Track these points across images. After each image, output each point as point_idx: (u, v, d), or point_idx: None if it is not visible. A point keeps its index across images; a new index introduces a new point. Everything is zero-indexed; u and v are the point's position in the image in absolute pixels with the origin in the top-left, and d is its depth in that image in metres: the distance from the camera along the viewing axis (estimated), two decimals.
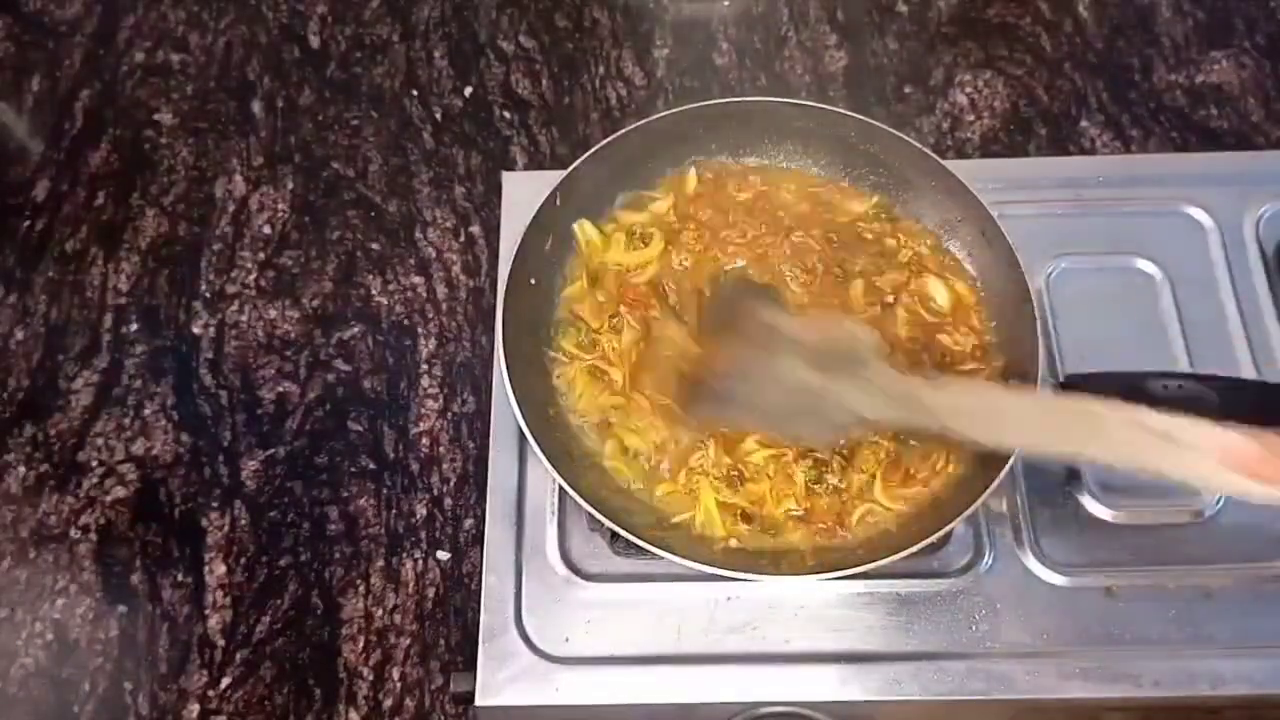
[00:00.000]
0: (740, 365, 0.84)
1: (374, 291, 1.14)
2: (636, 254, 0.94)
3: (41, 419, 1.07)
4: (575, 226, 0.94)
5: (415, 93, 1.27)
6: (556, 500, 0.89)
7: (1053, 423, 0.76)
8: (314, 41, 1.31)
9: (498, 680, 0.82)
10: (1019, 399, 0.80)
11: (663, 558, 0.78)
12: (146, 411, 1.07)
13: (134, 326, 1.12)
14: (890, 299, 0.91)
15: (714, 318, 0.89)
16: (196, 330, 1.12)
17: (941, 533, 0.80)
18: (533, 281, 0.91)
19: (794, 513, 0.84)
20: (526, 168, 1.21)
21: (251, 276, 1.15)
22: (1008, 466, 0.79)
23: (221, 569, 1.00)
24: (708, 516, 0.84)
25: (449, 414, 1.07)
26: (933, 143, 1.20)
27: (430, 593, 0.98)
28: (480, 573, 0.86)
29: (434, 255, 1.16)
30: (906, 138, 0.95)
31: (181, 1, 1.34)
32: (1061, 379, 0.84)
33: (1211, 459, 0.69)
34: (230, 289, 1.14)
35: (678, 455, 0.86)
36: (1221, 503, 0.88)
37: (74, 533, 1.02)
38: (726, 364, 0.85)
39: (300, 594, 0.98)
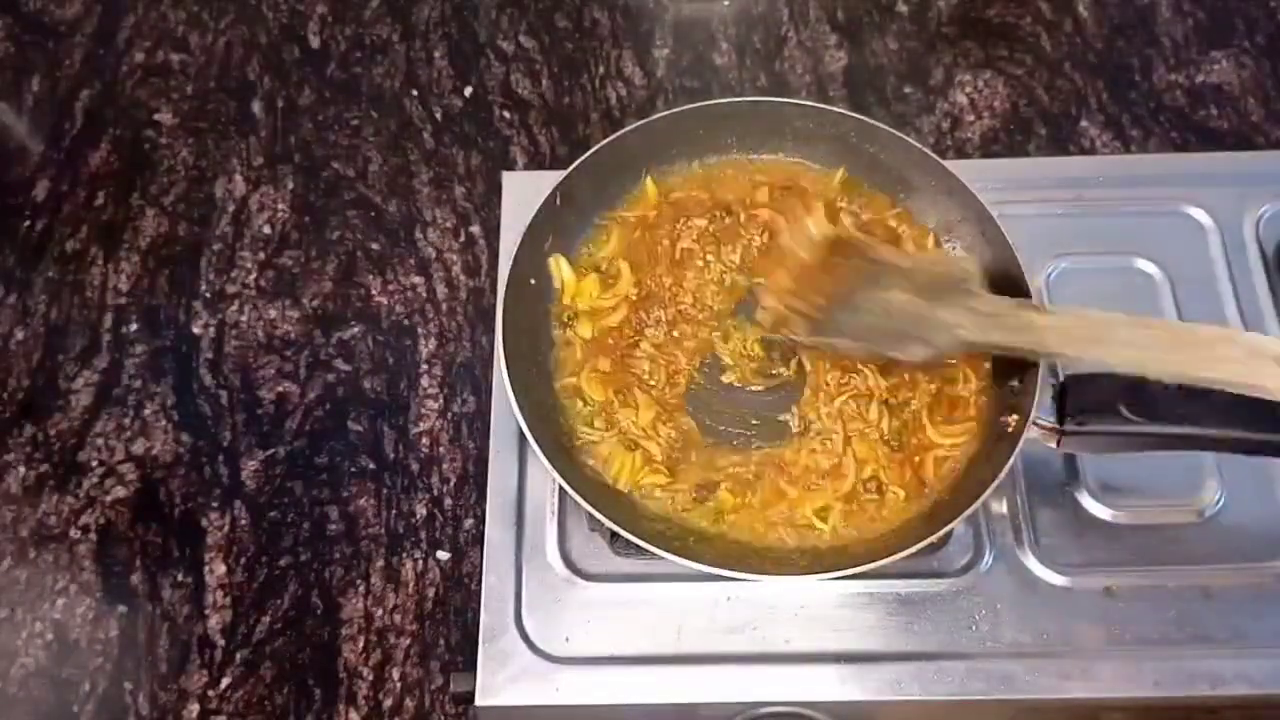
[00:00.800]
0: (847, 295, 0.86)
1: (374, 291, 1.14)
2: (608, 296, 0.92)
3: (41, 419, 1.07)
4: (550, 262, 0.92)
5: (415, 93, 1.27)
6: (556, 500, 0.89)
7: (1151, 344, 0.78)
8: (314, 41, 1.31)
9: (498, 680, 0.82)
10: (1123, 321, 0.81)
11: (663, 558, 0.78)
12: (146, 411, 1.07)
13: (134, 326, 1.12)
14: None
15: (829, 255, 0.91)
16: (196, 330, 1.12)
17: (941, 533, 0.80)
18: (532, 281, 0.91)
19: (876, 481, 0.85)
20: (526, 168, 1.21)
21: (251, 276, 1.15)
22: (1007, 467, 0.79)
23: (221, 569, 1.00)
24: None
25: (449, 414, 1.07)
26: (933, 143, 1.20)
27: (430, 593, 0.98)
28: (480, 573, 0.86)
29: (434, 255, 1.16)
30: (906, 138, 0.95)
31: (181, 1, 1.34)
32: (1062, 379, 0.83)
33: None
34: (230, 289, 1.14)
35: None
36: (1221, 502, 0.88)
37: (74, 533, 1.02)
38: (834, 293, 0.87)
39: (300, 594, 0.98)
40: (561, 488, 0.81)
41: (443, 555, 1.00)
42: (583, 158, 0.93)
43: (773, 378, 0.90)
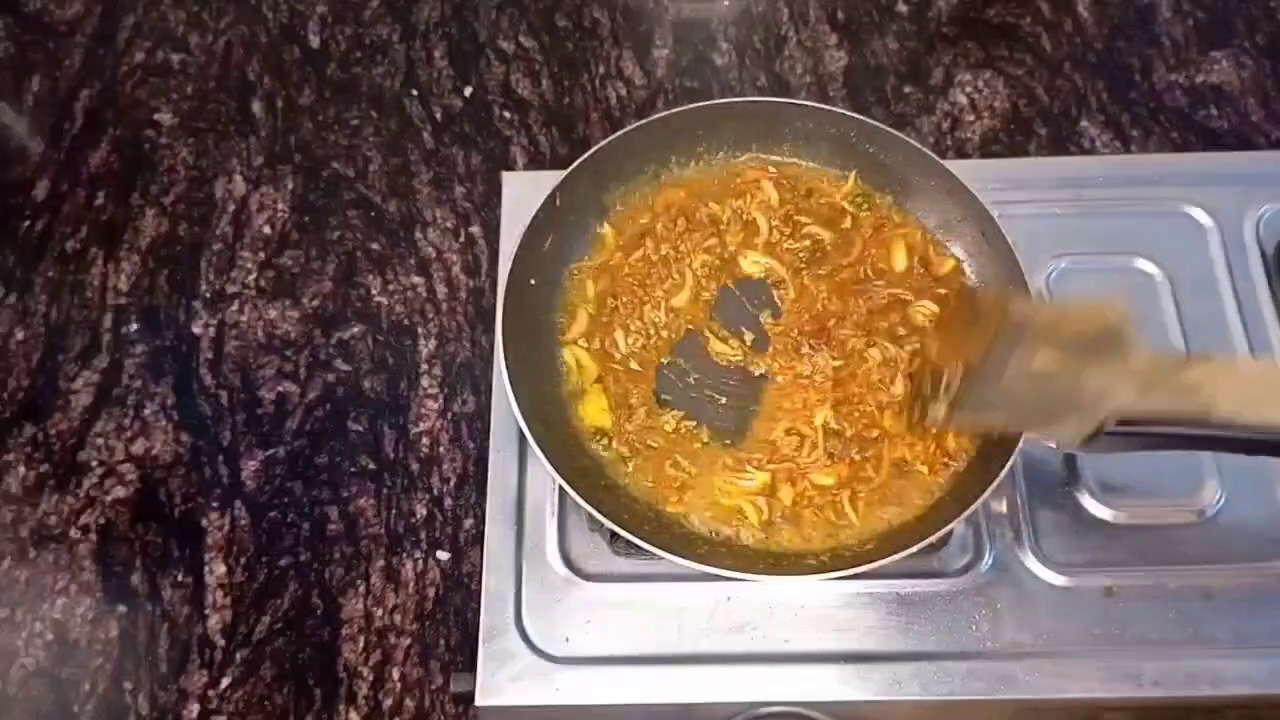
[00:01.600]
0: (988, 364, 0.77)
1: (374, 291, 1.14)
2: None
3: (41, 419, 1.07)
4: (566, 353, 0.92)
5: (415, 93, 1.27)
6: (556, 500, 0.89)
7: None
8: (314, 41, 1.31)
9: (498, 680, 0.82)
10: None
11: (663, 558, 0.78)
12: (146, 411, 1.07)
13: (134, 326, 1.12)
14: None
15: (957, 318, 0.84)
16: (196, 330, 1.12)
17: (941, 533, 0.80)
18: (532, 282, 0.91)
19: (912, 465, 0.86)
20: (526, 168, 1.21)
21: (251, 276, 1.15)
22: (1007, 467, 0.79)
23: (221, 569, 1.00)
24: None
25: (449, 414, 1.07)
26: (933, 143, 1.20)
27: (430, 593, 0.98)
28: (480, 573, 0.87)
29: (434, 255, 1.16)
30: (906, 138, 0.95)
31: (181, 1, 1.34)
32: None
33: None
34: (230, 289, 1.14)
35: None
36: (1221, 502, 0.88)
37: (74, 533, 1.02)
38: (973, 364, 0.78)
39: (300, 594, 0.98)
40: (561, 488, 0.81)
41: (443, 555, 1.00)
42: (583, 158, 0.93)
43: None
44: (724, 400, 0.90)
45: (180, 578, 0.99)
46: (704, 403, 0.90)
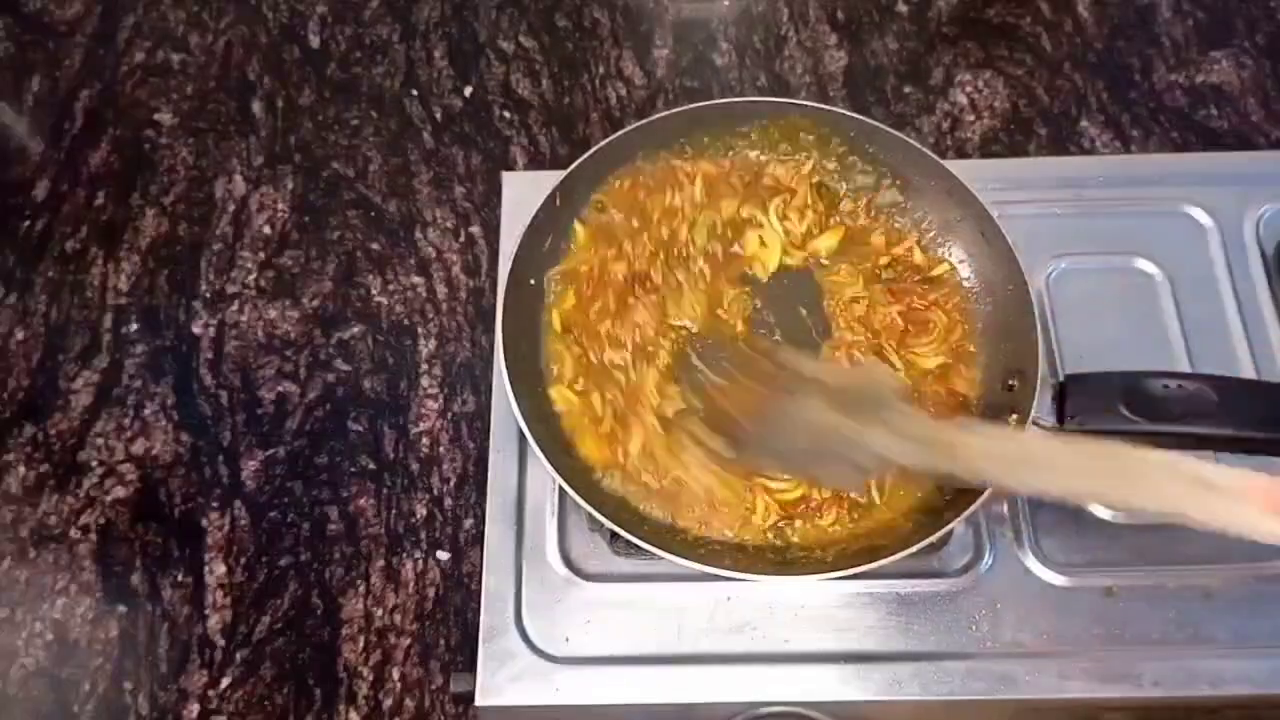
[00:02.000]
0: (761, 408, 0.82)
1: (374, 291, 1.14)
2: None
3: (41, 419, 1.07)
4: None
5: (415, 93, 1.27)
6: (556, 500, 0.89)
7: (1086, 468, 0.72)
8: (314, 41, 1.31)
9: (498, 680, 0.82)
10: (1051, 443, 0.77)
11: (663, 558, 0.78)
12: (146, 411, 1.07)
13: (134, 326, 1.12)
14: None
15: (735, 364, 0.87)
16: (196, 330, 1.12)
17: (941, 533, 0.80)
18: (532, 282, 0.91)
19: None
20: (526, 168, 1.21)
21: (251, 276, 1.15)
22: None
23: (221, 569, 1.00)
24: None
25: (449, 414, 1.07)
26: (933, 143, 1.20)
27: (430, 593, 0.98)
28: (480, 573, 0.86)
29: (434, 255, 1.16)
30: (906, 138, 0.95)
31: (181, 1, 1.34)
32: (1061, 378, 0.83)
33: (1253, 504, 0.65)
34: (230, 289, 1.14)
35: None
36: None
37: (74, 533, 1.02)
38: (747, 407, 0.83)
39: (300, 594, 0.98)
40: (561, 488, 0.81)
41: (443, 555, 1.00)
42: (583, 158, 0.93)
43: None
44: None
45: (180, 578, 0.99)
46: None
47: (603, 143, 0.94)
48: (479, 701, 0.81)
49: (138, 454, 1.05)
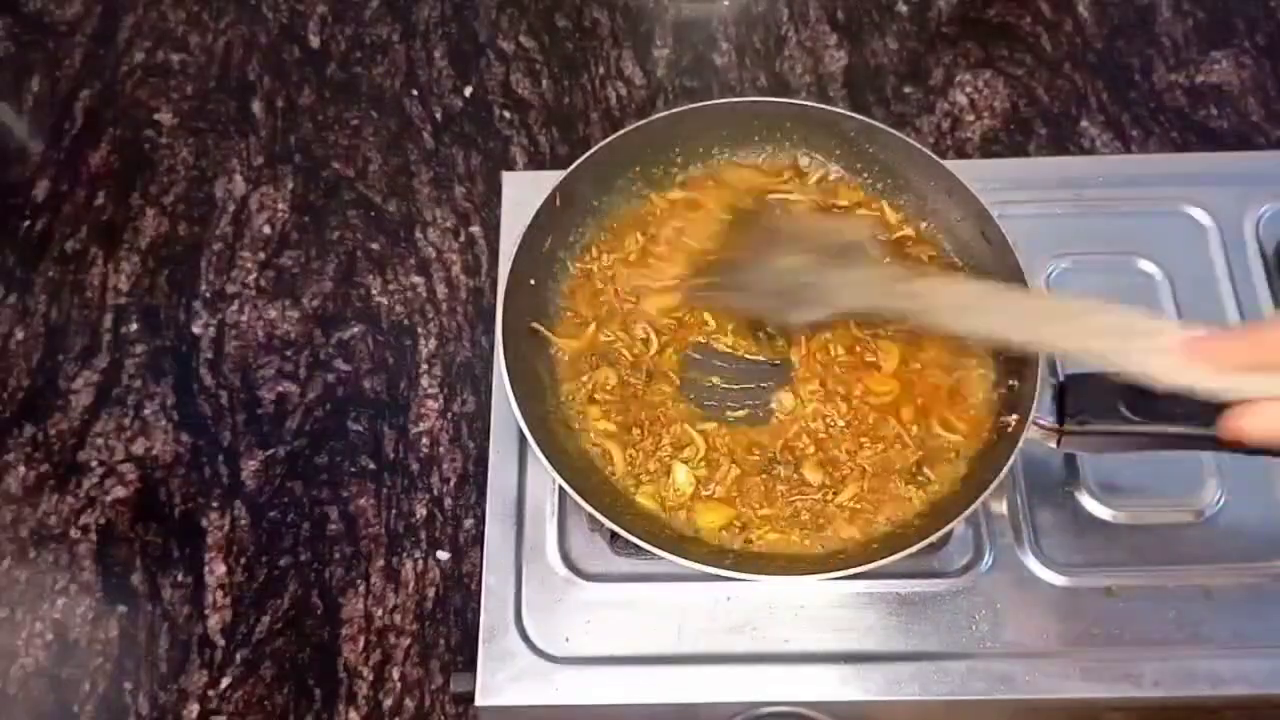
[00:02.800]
0: (747, 259, 0.91)
1: (374, 291, 1.14)
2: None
3: (41, 419, 1.07)
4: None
5: (415, 93, 1.27)
6: (556, 500, 0.89)
7: (1025, 314, 0.81)
8: (314, 41, 1.31)
9: (498, 680, 0.82)
10: (994, 291, 0.84)
11: (663, 558, 0.78)
12: (146, 411, 1.07)
13: (134, 326, 1.12)
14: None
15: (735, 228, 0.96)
16: (196, 330, 1.12)
17: (941, 533, 0.80)
18: (532, 282, 0.91)
19: None
20: (526, 168, 1.21)
21: (251, 276, 1.15)
22: (1007, 466, 0.79)
23: (221, 569, 1.00)
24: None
25: (449, 414, 1.07)
26: (933, 143, 1.20)
27: (430, 593, 0.98)
28: (480, 573, 0.86)
29: (434, 255, 1.16)
30: (906, 138, 0.95)
31: (181, 1, 1.34)
32: (1061, 378, 0.83)
33: (1173, 354, 0.70)
34: (230, 289, 1.14)
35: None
36: (1221, 502, 0.88)
37: (74, 533, 1.02)
38: (736, 258, 0.92)
39: (300, 594, 0.98)
40: (561, 488, 0.81)
41: (443, 555, 1.00)
42: (583, 158, 0.93)
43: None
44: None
45: (180, 578, 0.99)
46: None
47: (603, 142, 0.94)
48: (479, 701, 0.81)
49: (138, 454, 1.05)
